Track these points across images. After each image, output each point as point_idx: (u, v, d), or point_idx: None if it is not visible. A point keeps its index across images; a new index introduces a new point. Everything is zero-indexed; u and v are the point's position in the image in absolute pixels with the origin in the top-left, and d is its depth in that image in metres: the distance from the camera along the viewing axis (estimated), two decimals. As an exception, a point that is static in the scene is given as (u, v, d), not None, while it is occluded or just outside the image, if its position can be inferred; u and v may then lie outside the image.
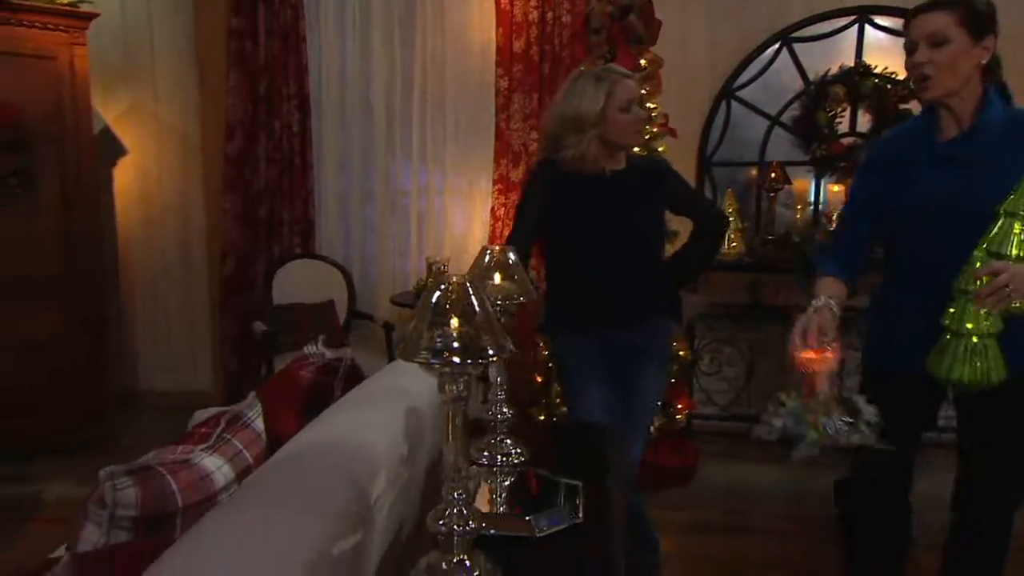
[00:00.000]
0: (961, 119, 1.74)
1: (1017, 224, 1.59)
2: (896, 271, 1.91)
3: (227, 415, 1.62)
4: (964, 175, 1.71)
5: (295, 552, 1.03)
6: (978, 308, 1.59)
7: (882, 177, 1.86)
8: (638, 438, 2.28)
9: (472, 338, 1.12)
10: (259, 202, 3.92)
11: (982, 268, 1.59)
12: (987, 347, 1.62)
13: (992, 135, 1.70)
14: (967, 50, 1.68)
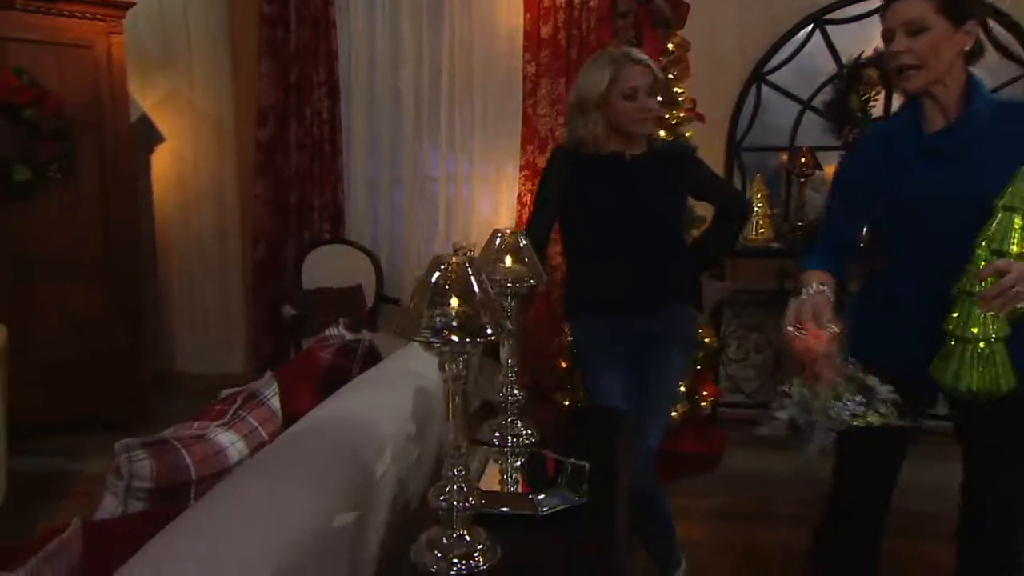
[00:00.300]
0: (947, 109, 1.67)
1: (1017, 219, 1.50)
2: (887, 265, 1.84)
3: (244, 393, 1.66)
4: (954, 167, 1.64)
5: (297, 522, 1.07)
6: (984, 311, 1.50)
7: (870, 170, 1.78)
8: (657, 425, 2.28)
9: (471, 317, 1.14)
10: (290, 188, 3.99)
11: (986, 269, 1.49)
12: (995, 352, 1.53)
13: (981, 125, 1.63)
14: (948, 37, 1.59)
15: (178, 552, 0.96)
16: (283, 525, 1.05)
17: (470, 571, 1.18)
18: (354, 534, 1.22)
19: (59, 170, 3.37)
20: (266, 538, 1.02)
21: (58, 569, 0.96)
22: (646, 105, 2.11)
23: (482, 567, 1.19)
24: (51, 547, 0.97)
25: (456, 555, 1.19)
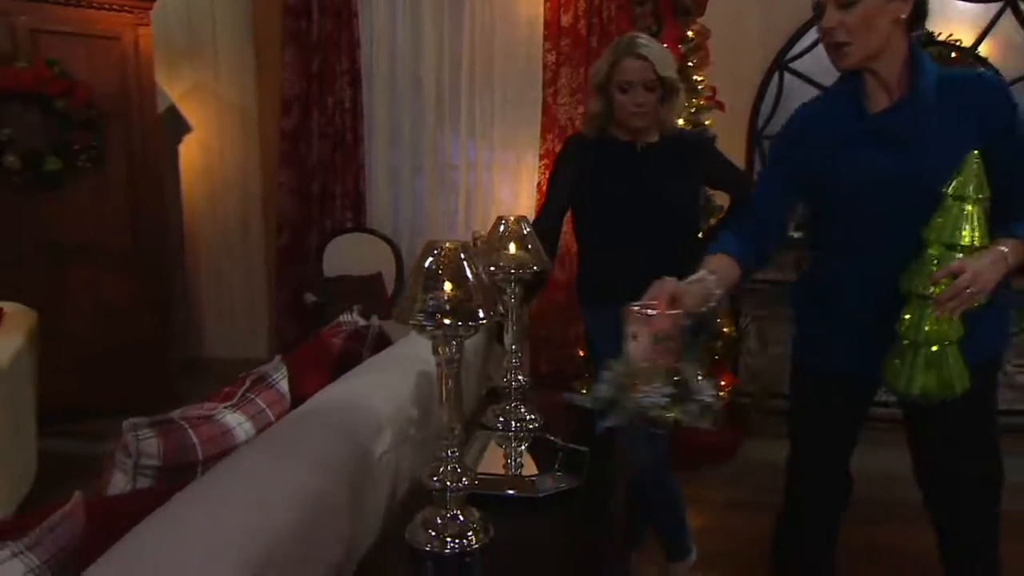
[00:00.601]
0: (889, 85, 1.54)
1: (967, 207, 1.43)
2: (827, 256, 1.74)
3: (253, 376, 1.70)
4: (900, 150, 1.53)
5: (290, 499, 1.10)
6: (938, 314, 1.44)
7: (803, 149, 1.67)
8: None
9: (463, 301, 1.17)
10: (312, 176, 4.05)
11: (940, 271, 1.42)
12: (948, 354, 1.47)
13: (926, 103, 1.51)
14: (880, 6, 1.46)
15: (171, 528, 1.00)
16: (276, 502, 1.09)
17: (462, 550, 1.21)
18: (350, 513, 1.25)
19: (89, 160, 3.45)
20: (259, 515, 1.05)
21: (60, 538, 1.00)
22: (638, 100, 2.07)
23: (474, 546, 1.22)
24: (54, 518, 1.01)
25: (449, 534, 1.22)
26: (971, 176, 1.43)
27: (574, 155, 2.26)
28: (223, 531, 1.00)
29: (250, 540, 1.00)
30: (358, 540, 1.26)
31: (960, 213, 1.44)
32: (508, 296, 1.74)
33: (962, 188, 1.43)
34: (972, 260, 1.41)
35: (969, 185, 1.43)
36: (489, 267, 1.70)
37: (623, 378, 1.46)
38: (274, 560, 1.00)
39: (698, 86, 3.38)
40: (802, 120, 1.74)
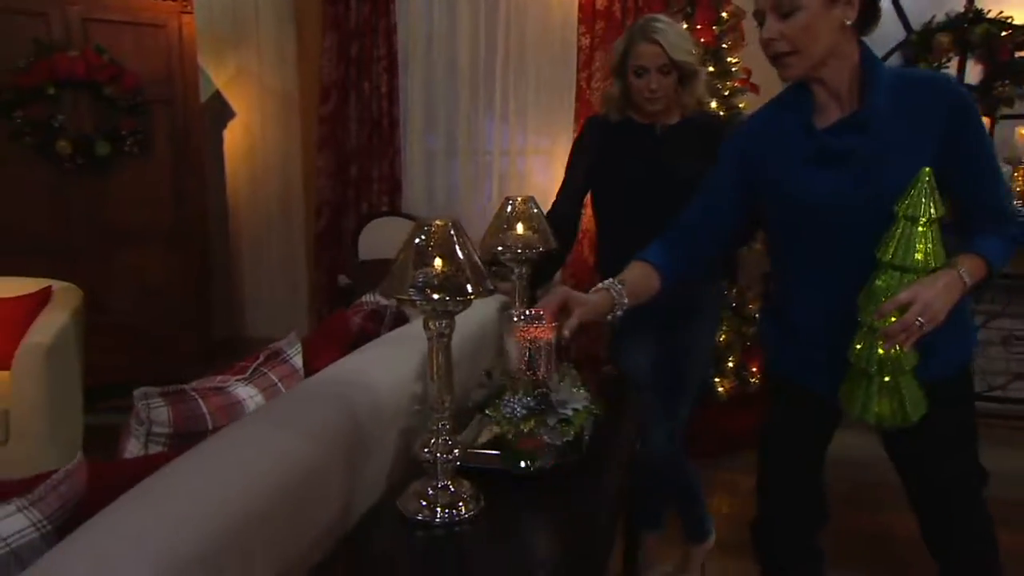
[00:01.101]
0: (839, 95, 1.44)
1: (919, 227, 1.34)
2: (781, 274, 1.66)
3: (267, 351, 1.76)
4: (852, 170, 1.43)
5: (280, 468, 1.14)
6: (887, 347, 1.36)
7: (749, 166, 1.58)
8: (686, 398, 2.29)
9: (453, 277, 1.19)
10: (350, 160, 4.12)
11: (888, 303, 1.33)
12: (900, 384, 1.40)
13: (879, 115, 1.40)
14: (822, 13, 1.35)
15: (163, 487, 1.05)
16: (266, 465, 1.13)
17: (452, 519, 1.24)
18: (344, 480, 1.29)
19: (135, 144, 3.58)
20: (247, 476, 1.09)
21: (63, 496, 1.06)
22: (652, 85, 2.05)
23: (464, 515, 1.25)
24: (57, 477, 1.07)
25: (440, 504, 1.25)
26: (922, 193, 1.34)
27: (592, 137, 2.26)
28: (212, 489, 1.05)
29: (237, 498, 1.04)
30: (353, 506, 1.31)
31: (912, 233, 1.35)
32: (515, 276, 1.77)
33: (914, 207, 1.35)
34: (923, 288, 1.32)
35: (920, 203, 1.34)
36: (496, 247, 1.72)
37: (502, 385, 1.47)
38: (261, 516, 1.05)
39: (731, 68, 3.34)
40: (743, 137, 1.65)
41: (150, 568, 0.88)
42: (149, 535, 0.92)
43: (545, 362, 1.44)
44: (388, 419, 1.45)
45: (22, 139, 3.35)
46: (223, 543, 0.98)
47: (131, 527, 0.95)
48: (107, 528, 0.96)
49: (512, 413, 1.41)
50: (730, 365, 3.50)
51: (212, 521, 0.99)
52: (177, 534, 0.94)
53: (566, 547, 1.24)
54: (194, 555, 0.93)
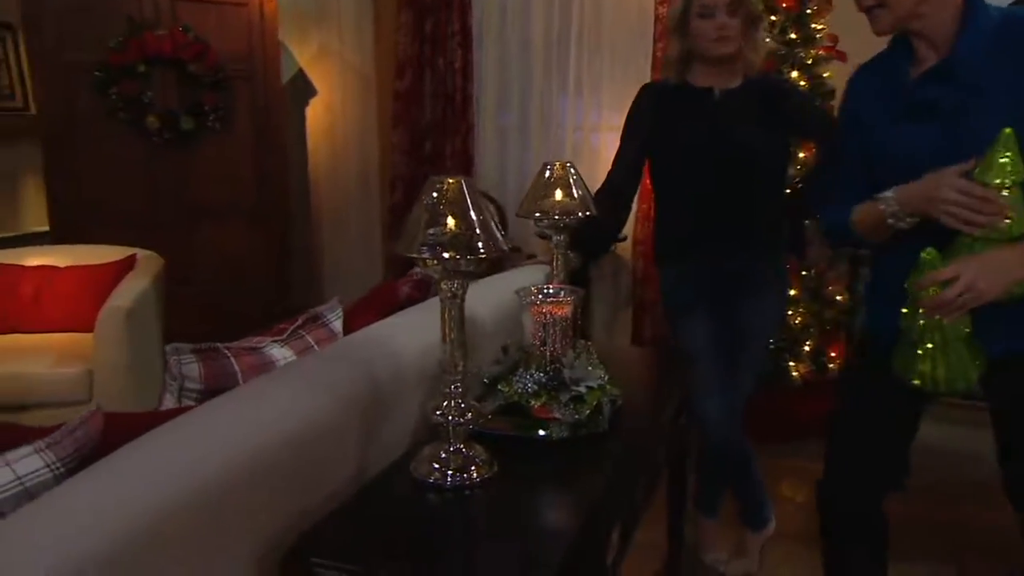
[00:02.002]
0: (937, 45, 1.36)
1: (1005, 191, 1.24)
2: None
3: (307, 315, 1.79)
4: (944, 123, 1.34)
5: (293, 416, 1.16)
6: (929, 315, 1.30)
7: (856, 121, 1.52)
8: (745, 376, 2.20)
9: (466, 236, 1.17)
10: (424, 137, 4.14)
11: (927, 277, 1.27)
12: (949, 350, 1.32)
13: (975, 61, 1.31)
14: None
15: (173, 435, 1.08)
16: (276, 420, 1.15)
17: (463, 483, 1.23)
18: (360, 439, 1.30)
19: (217, 120, 3.71)
20: (258, 429, 1.11)
21: (77, 441, 1.11)
22: (722, 23, 1.95)
23: (475, 479, 1.23)
24: (73, 423, 1.12)
25: (452, 468, 1.24)
26: (997, 159, 1.24)
27: (648, 104, 2.18)
28: (218, 439, 1.07)
29: (244, 449, 1.06)
30: (368, 467, 1.31)
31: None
32: (554, 245, 1.73)
33: (983, 175, 1.26)
34: (969, 264, 1.24)
35: (991, 170, 1.25)
36: (534, 213, 1.69)
37: (516, 360, 1.45)
38: (267, 466, 1.07)
39: (816, 35, 3.15)
40: (853, 89, 1.59)
41: (139, 516, 0.89)
42: (138, 484, 0.94)
43: (560, 338, 1.42)
44: (411, 383, 1.44)
45: (116, 115, 3.53)
46: (219, 494, 1.00)
47: (125, 474, 0.98)
48: (108, 467, 0.99)
49: (524, 388, 1.39)
50: (806, 349, 3.34)
51: (208, 462, 1.01)
52: (169, 484, 0.95)
53: (568, 518, 1.21)
54: (184, 504, 0.95)
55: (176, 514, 0.93)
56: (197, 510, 0.96)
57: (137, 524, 0.89)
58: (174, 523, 0.93)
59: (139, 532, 0.88)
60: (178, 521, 0.93)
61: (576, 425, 1.39)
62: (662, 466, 1.69)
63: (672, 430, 1.75)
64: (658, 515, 1.94)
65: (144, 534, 0.89)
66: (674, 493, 2.01)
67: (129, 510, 0.90)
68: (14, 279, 2.93)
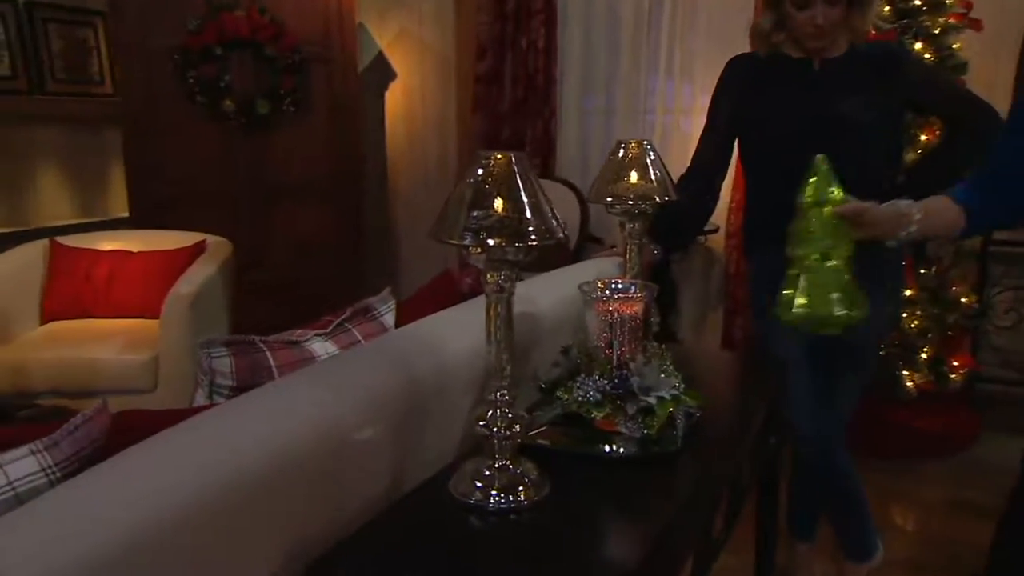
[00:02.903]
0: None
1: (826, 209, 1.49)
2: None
3: (357, 307, 1.65)
4: None
5: (310, 422, 1.02)
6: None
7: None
8: (848, 388, 1.95)
9: (515, 220, 1.01)
10: (503, 121, 3.98)
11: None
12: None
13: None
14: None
15: (181, 438, 0.95)
16: (292, 426, 1.01)
17: (507, 505, 1.06)
18: (393, 456, 1.14)
19: (293, 103, 3.65)
20: (271, 435, 0.97)
21: (78, 442, 1.00)
22: (817, 20, 1.72)
23: (523, 502, 1.06)
24: (74, 422, 1.01)
25: (496, 487, 1.07)
26: (823, 179, 1.49)
27: (737, 78, 1.96)
28: (231, 444, 0.94)
29: (259, 456, 0.93)
30: (405, 481, 1.16)
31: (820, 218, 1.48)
32: (627, 234, 1.53)
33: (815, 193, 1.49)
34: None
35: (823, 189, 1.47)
36: (606, 198, 1.49)
37: (580, 364, 1.28)
38: (285, 476, 0.94)
39: (945, 1, 2.80)
40: None
41: (122, 531, 0.77)
42: (134, 492, 0.82)
43: (628, 340, 1.23)
44: (458, 387, 1.28)
45: (194, 99, 3.52)
46: (228, 505, 0.87)
47: (119, 481, 0.85)
48: (102, 473, 0.86)
49: (585, 397, 1.20)
50: (923, 357, 3.00)
51: (218, 479, 0.87)
52: (170, 492, 0.83)
53: (629, 550, 1.02)
54: (186, 516, 0.82)
55: (175, 527, 0.82)
56: (201, 522, 0.84)
57: (125, 536, 0.77)
58: (172, 536, 0.81)
59: (127, 545, 0.77)
60: (177, 534, 0.82)
61: (644, 441, 1.20)
62: (748, 490, 1.47)
63: (761, 447, 1.53)
64: (746, 536, 1.73)
65: (133, 548, 0.78)
66: (763, 516, 1.78)
67: (119, 520, 0.78)
68: (89, 263, 2.94)
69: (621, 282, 1.33)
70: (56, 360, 2.60)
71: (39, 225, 3.76)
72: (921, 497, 2.71)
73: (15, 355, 2.64)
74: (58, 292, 2.91)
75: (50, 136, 3.95)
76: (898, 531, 2.51)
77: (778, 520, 1.83)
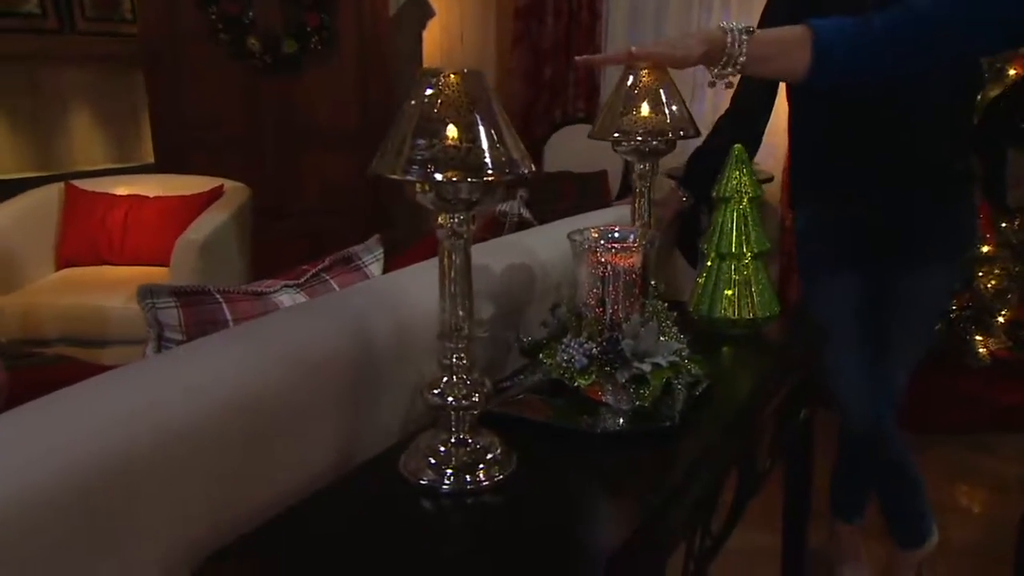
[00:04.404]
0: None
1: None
2: None
3: (337, 255, 1.50)
4: None
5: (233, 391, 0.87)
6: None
7: None
8: (902, 359, 1.75)
9: (469, 152, 0.84)
10: (545, 60, 3.74)
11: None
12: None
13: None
14: None
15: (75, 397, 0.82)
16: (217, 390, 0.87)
17: (463, 487, 0.91)
18: (339, 426, 1.00)
19: (320, 42, 3.49)
20: (180, 404, 0.83)
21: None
22: None
23: (483, 483, 0.91)
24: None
25: (452, 465, 0.92)
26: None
27: (782, 6, 1.71)
28: (133, 406, 0.80)
29: (162, 421, 0.80)
30: (355, 456, 1.01)
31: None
32: (636, 175, 1.33)
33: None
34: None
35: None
36: (612, 133, 1.29)
37: (564, 323, 1.11)
38: (195, 447, 0.82)
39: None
40: None
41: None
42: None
43: (622, 297, 1.05)
44: (419, 348, 1.11)
45: (217, 37, 3.38)
46: (120, 476, 0.74)
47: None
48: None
49: (569, 362, 1.03)
50: (999, 320, 2.72)
51: (110, 446, 0.75)
52: (48, 462, 0.70)
53: (602, 541, 0.86)
54: (64, 489, 0.70)
55: (51, 499, 0.69)
56: (81, 496, 0.71)
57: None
58: (45, 511, 0.69)
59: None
60: (52, 509, 0.69)
61: (635, 415, 1.02)
62: (766, 472, 1.28)
63: (787, 423, 1.34)
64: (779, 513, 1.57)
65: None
66: (792, 494, 1.59)
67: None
68: (105, 208, 2.87)
69: (619, 230, 1.14)
70: (66, 307, 2.55)
71: (71, 169, 3.72)
72: (992, 476, 2.47)
73: (27, 300, 2.60)
74: (73, 238, 2.85)
75: (81, 77, 3.88)
76: (962, 513, 2.30)
77: (811, 498, 1.64)
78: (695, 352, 1.13)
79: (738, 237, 1.36)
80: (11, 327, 2.47)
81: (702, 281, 1.41)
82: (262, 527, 0.84)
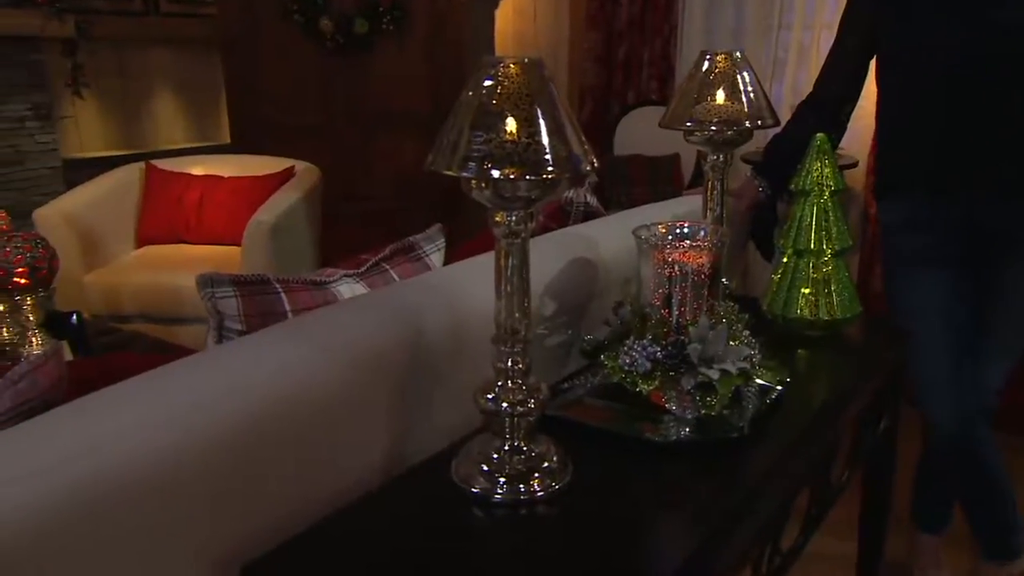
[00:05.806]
0: None
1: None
2: None
3: (399, 244, 1.48)
4: None
5: (280, 385, 0.86)
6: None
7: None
8: (998, 363, 1.64)
9: (530, 147, 0.80)
10: (619, 40, 3.64)
11: None
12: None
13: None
14: None
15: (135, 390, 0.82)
16: (258, 387, 0.85)
17: (517, 496, 0.87)
18: (391, 423, 0.98)
19: (392, 22, 3.46)
20: (228, 405, 0.82)
21: (21, 394, 0.89)
22: None
23: (537, 492, 0.87)
24: (17, 371, 0.90)
25: (505, 474, 0.88)
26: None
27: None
28: (182, 405, 0.79)
29: (211, 421, 0.79)
30: (406, 456, 0.99)
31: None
32: (708, 166, 1.26)
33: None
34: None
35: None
36: (685, 122, 1.22)
37: (628, 325, 1.05)
38: (246, 446, 0.80)
39: None
40: None
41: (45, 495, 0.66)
42: (54, 454, 0.69)
43: (691, 298, 0.99)
44: (476, 345, 1.07)
45: (291, 18, 3.40)
46: (170, 476, 0.74)
47: (44, 441, 0.72)
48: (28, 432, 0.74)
49: (632, 365, 0.97)
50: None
51: (161, 445, 0.74)
52: (96, 458, 0.70)
53: (662, 558, 0.82)
54: (113, 486, 0.69)
55: (98, 498, 0.69)
56: (132, 494, 0.71)
57: (39, 506, 0.65)
58: (93, 508, 0.68)
59: (38, 519, 0.65)
60: (102, 507, 0.69)
61: (702, 424, 0.97)
62: (842, 487, 1.20)
63: (865, 434, 1.26)
64: (852, 520, 1.50)
65: (49, 522, 0.66)
66: (870, 502, 1.51)
67: (31, 488, 0.66)
68: (182, 188, 2.93)
69: (688, 226, 1.08)
70: (143, 285, 2.62)
71: (153, 148, 3.83)
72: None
73: (110, 278, 2.68)
74: (152, 216, 2.93)
75: (165, 59, 3.98)
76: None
77: (890, 506, 1.55)
78: (768, 355, 1.06)
79: (817, 233, 1.28)
80: (96, 303, 2.56)
81: (777, 278, 1.33)
82: (312, 528, 0.83)
